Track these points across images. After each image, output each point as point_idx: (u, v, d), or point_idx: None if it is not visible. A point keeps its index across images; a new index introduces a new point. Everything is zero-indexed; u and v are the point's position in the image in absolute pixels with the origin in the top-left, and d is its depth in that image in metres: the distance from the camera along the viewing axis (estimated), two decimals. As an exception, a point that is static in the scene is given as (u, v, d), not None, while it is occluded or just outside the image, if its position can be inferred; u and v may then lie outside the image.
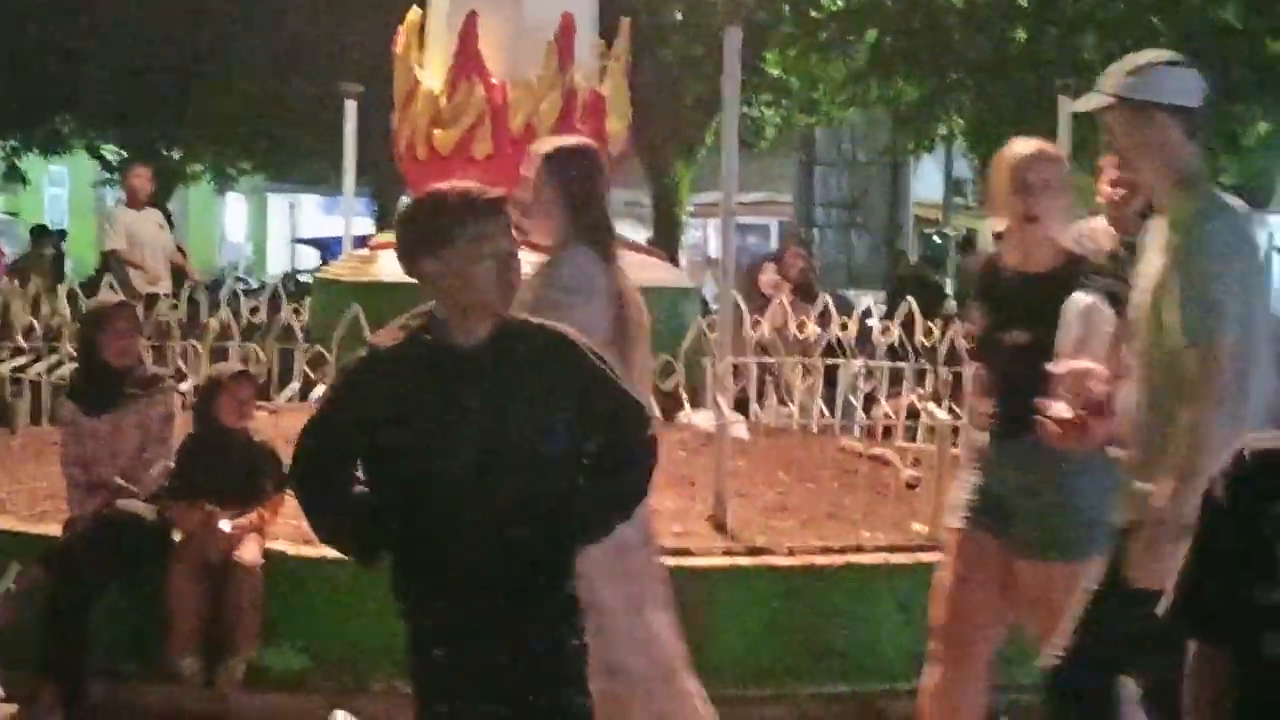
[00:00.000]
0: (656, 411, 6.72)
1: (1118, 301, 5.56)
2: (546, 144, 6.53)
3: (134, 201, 15.97)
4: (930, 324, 11.07)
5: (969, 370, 8.02)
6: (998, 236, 6.88)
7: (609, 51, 11.45)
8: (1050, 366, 5.48)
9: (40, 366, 10.42)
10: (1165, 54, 5.43)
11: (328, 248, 30.18)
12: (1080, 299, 5.36)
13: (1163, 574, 4.56)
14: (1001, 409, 6.00)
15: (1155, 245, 5.27)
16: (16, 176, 29.88)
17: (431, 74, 11.23)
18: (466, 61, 11.00)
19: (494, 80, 10.98)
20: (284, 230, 46.39)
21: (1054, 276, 5.95)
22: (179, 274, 15.62)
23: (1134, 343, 5.25)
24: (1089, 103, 5.42)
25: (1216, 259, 5.07)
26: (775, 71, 23.43)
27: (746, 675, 7.78)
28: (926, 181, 38.70)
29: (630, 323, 6.17)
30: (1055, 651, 5.35)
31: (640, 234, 25.11)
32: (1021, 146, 6.05)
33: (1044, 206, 5.97)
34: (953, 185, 37.53)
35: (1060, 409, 5.44)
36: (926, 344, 10.89)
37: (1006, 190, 5.99)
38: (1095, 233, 9.20)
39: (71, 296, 11.53)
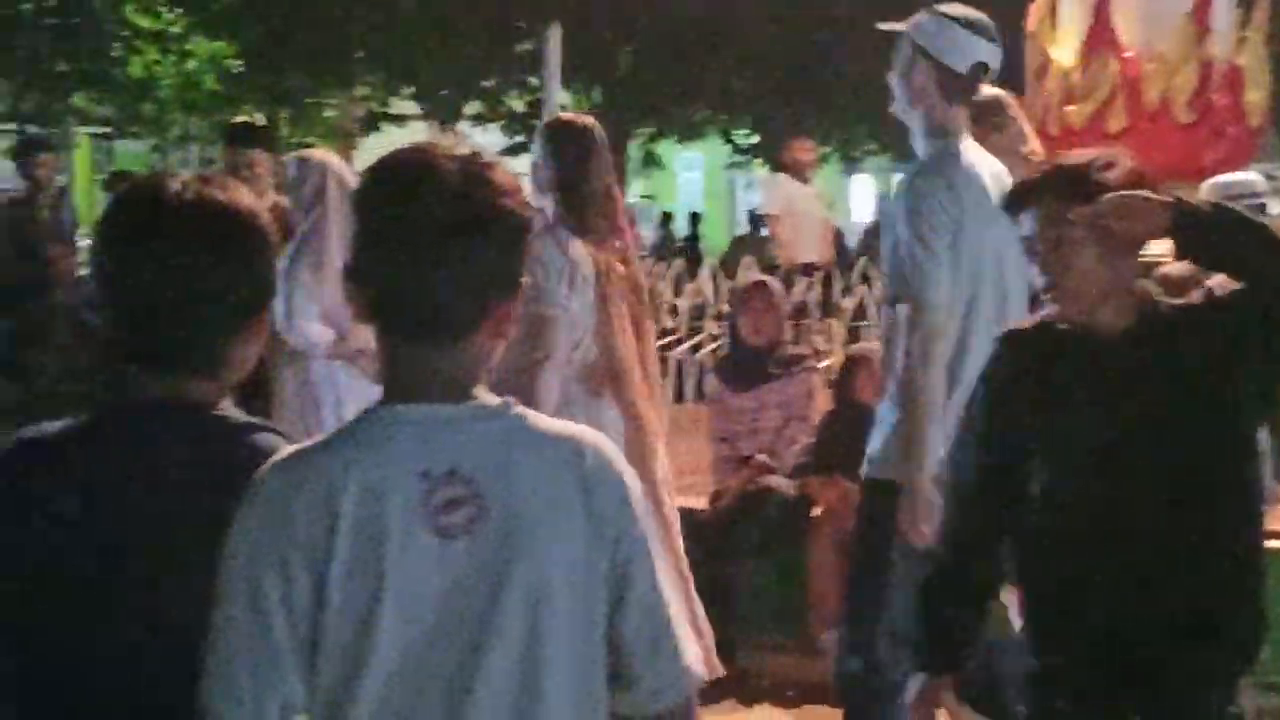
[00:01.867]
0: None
1: None
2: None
3: (796, 173, 16.00)
4: None
5: None
6: None
7: (1248, 21, 11.16)
8: None
9: (684, 347, 10.80)
10: (973, 14, 5.37)
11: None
12: None
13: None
14: None
15: None
16: (653, 162, 30.98)
17: (1064, 49, 11.15)
18: (1100, 35, 10.88)
19: (1128, 54, 10.84)
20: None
21: None
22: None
23: None
24: (894, 25, 5.59)
25: (923, 217, 5.05)
26: None
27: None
28: None
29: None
30: None
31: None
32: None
33: None
34: None
35: None
36: None
37: None
38: None
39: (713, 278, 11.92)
